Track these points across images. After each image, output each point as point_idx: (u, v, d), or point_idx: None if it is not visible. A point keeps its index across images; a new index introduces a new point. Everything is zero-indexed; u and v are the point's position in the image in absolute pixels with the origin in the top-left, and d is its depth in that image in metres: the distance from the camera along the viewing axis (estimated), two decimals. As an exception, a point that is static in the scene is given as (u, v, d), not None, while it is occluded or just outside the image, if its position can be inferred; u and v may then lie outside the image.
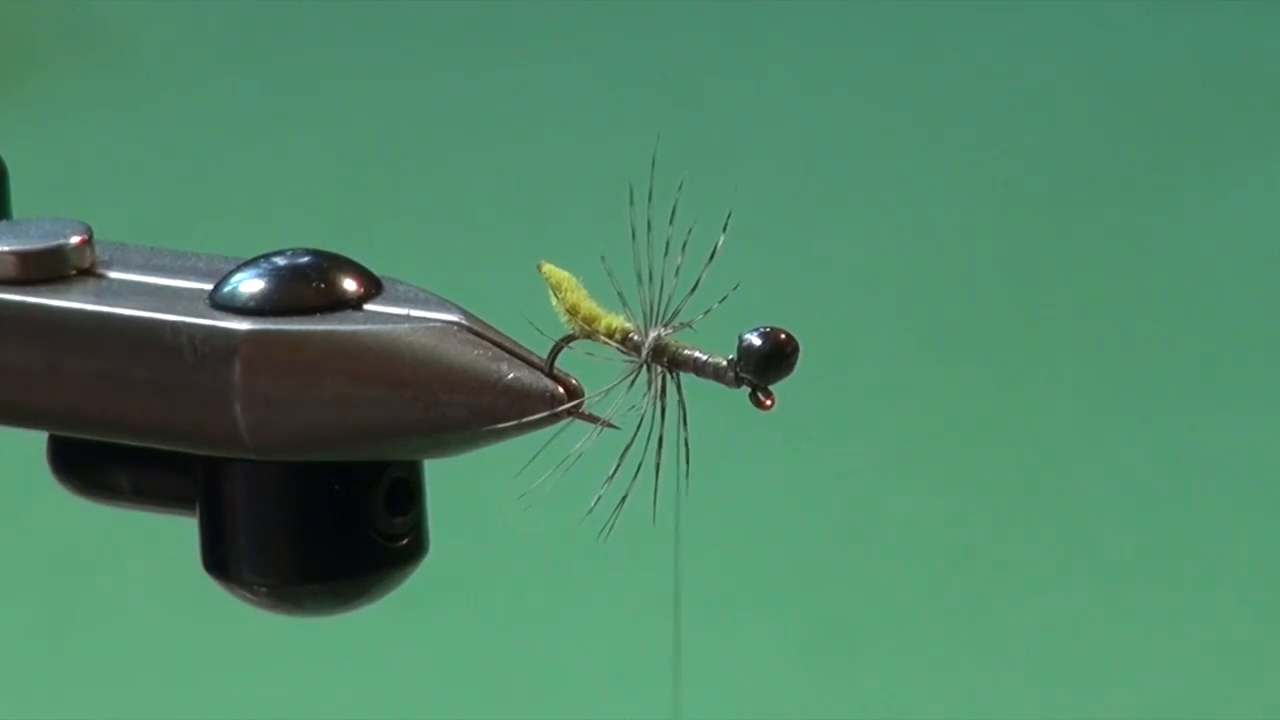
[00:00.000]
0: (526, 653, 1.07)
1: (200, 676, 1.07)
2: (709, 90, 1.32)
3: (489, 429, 0.30)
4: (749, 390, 0.29)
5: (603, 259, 0.30)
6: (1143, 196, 1.42)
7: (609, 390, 0.30)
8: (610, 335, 0.30)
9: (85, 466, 0.32)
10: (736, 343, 0.29)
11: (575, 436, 0.30)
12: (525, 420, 0.30)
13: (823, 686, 1.06)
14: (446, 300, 0.30)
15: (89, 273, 0.31)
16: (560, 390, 0.30)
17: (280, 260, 0.30)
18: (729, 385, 0.29)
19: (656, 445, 0.29)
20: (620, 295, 0.30)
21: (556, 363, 0.30)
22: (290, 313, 0.29)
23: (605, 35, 1.37)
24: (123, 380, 0.31)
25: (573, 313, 0.31)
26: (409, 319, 0.30)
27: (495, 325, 0.30)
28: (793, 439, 1.17)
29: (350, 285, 0.30)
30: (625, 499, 0.30)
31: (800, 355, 0.29)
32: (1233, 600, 1.10)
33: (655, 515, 0.30)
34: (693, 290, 0.30)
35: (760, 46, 1.39)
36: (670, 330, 0.30)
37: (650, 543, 0.32)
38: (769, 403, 0.29)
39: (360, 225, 1.20)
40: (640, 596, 1.04)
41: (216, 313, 0.30)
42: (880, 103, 1.42)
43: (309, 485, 0.30)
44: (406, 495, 0.31)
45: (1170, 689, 1.06)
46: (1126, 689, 1.06)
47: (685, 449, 0.29)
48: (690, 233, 0.29)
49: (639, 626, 1.06)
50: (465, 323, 0.30)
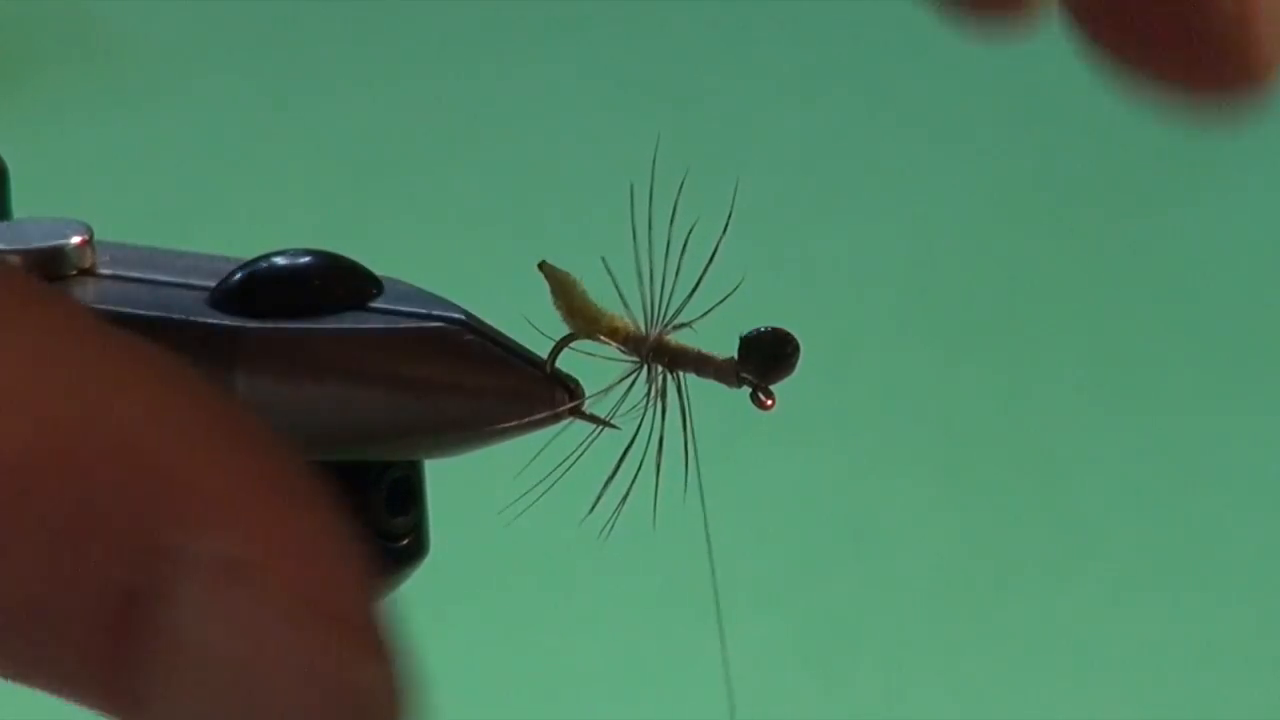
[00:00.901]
0: (527, 653, 1.07)
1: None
2: (710, 90, 1.32)
3: (490, 429, 0.29)
4: (750, 390, 0.29)
5: (603, 259, 0.30)
6: (1143, 196, 1.42)
7: (609, 390, 0.30)
8: (611, 335, 0.30)
9: None
10: (737, 342, 0.29)
11: (575, 437, 0.30)
12: (526, 420, 0.29)
13: (823, 686, 1.06)
14: (447, 300, 0.30)
15: (89, 273, 0.31)
16: (561, 390, 0.30)
17: (280, 260, 0.30)
18: (730, 385, 0.29)
19: (657, 446, 0.29)
20: (621, 295, 0.30)
21: (557, 363, 0.30)
22: (291, 313, 0.29)
23: (606, 35, 1.37)
24: None
25: (573, 313, 0.31)
26: (410, 318, 0.30)
27: (496, 325, 0.30)
28: (793, 439, 1.17)
29: (351, 285, 0.30)
30: (626, 499, 0.30)
31: (801, 355, 0.29)
32: (1233, 600, 1.10)
33: (655, 516, 0.30)
34: (693, 290, 0.30)
35: (761, 46, 1.39)
36: (671, 330, 0.30)
37: (654, 542, 0.31)
38: (770, 403, 0.29)
39: (360, 225, 1.20)
40: (641, 597, 1.04)
41: (217, 313, 0.30)
42: (881, 103, 1.42)
43: None
44: (407, 495, 0.31)
45: (1170, 689, 1.06)
46: (1126, 689, 1.06)
47: (686, 450, 0.29)
48: (691, 232, 0.29)
49: (640, 626, 1.06)
50: (466, 322, 0.30)
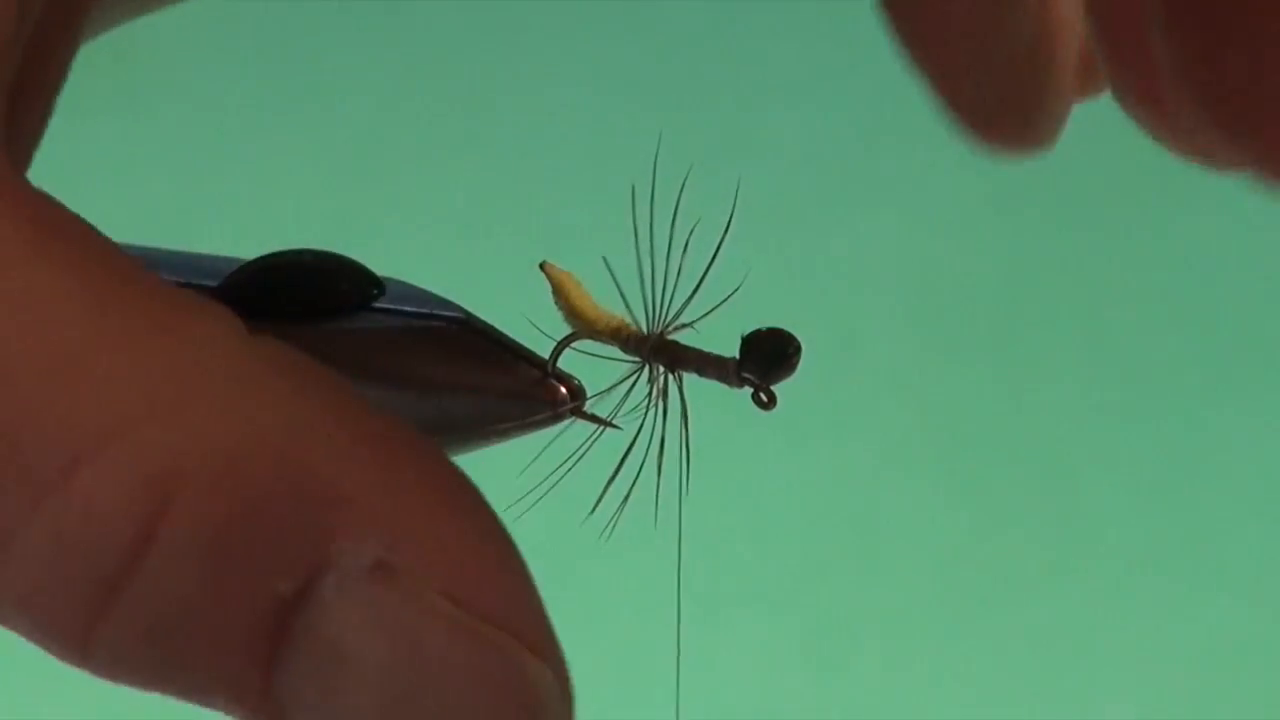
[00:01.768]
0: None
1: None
2: (711, 90, 1.32)
3: (491, 429, 0.30)
4: (751, 390, 0.29)
5: (604, 259, 0.30)
6: (1144, 196, 1.42)
7: (611, 390, 0.30)
8: (612, 335, 0.30)
9: None
10: (738, 343, 0.29)
11: (577, 437, 0.30)
12: (528, 420, 0.30)
13: (823, 686, 1.06)
14: (449, 300, 0.30)
15: None
16: (562, 390, 0.30)
17: (283, 261, 0.30)
18: (731, 385, 0.29)
19: (659, 445, 0.29)
20: (622, 295, 0.30)
21: (558, 363, 0.30)
22: (294, 313, 0.29)
23: (606, 35, 1.37)
24: None
25: (575, 313, 0.31)
26: (413, 318, 0.30)
27: (497, 325, 0.30)
28: (794, 439, 1.17)
29: (353, 285, 0.30)
30: (627, 499, 0.30)
31: (802, 356, 0.29)
32: (1233, 600, 1.10)
33: (657, 515, 0.30)
34: (695, 290, 0.30)
35: (761, 46, 1.39)
36: (672, 330, 0.30)
37: (652, 543, 0.32)
38: (771, 403, 0.29)
39: (360, 225, 1.20)
40: (642, 597, 1.04)
41: None
42: (882, 103, 1.42)
43: None
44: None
45: (1170, 689, 1.06)
46: (1126, 689, 1.06)
47: (686, 449, 0.29)
48: (692, 233, 0.29)
49: (641, 627, 1.06)
50: (468, 322, 0.30)
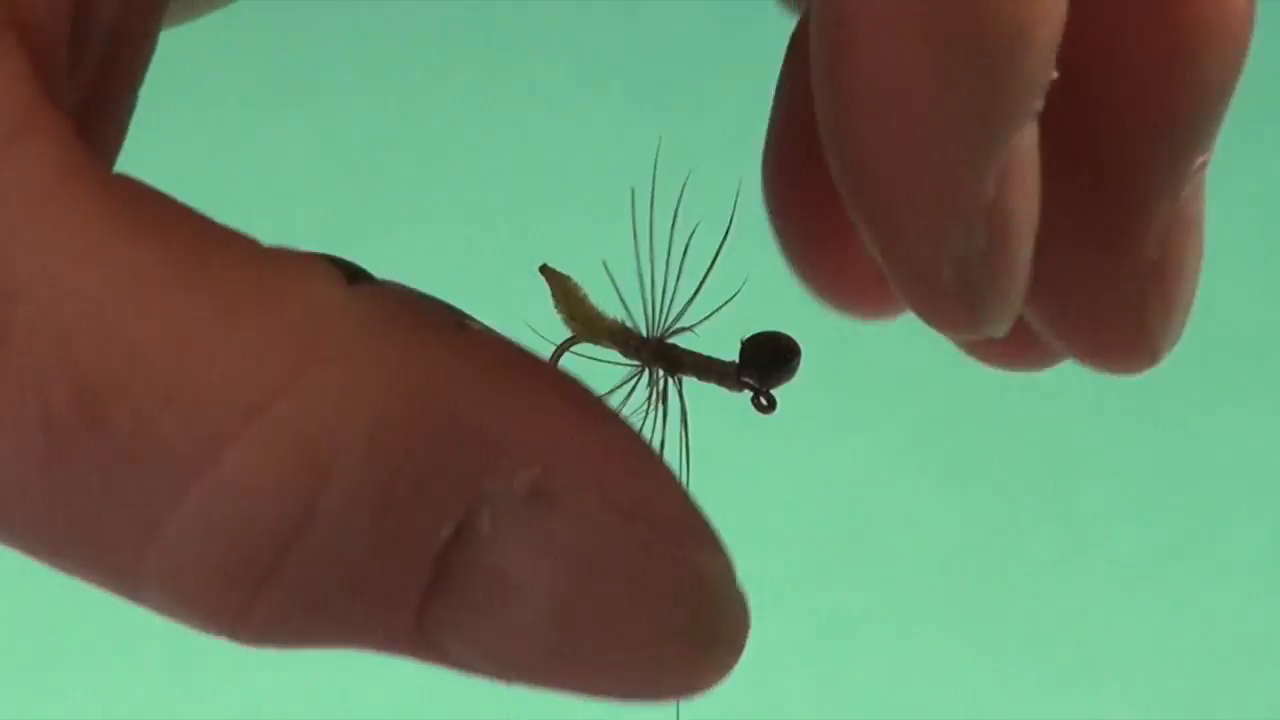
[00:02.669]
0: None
1: (200, 677, 1.07)
2: (712, 93, 1.32)
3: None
4: (751, 394, 0.29)
5: (604, 262, 0.30)
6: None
7: (610, 394, 0.30)
8: (612, 339, 0.30)
9: None
10: (738, 347, 0.29)
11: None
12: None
13: (823, 687, 1.06)
14: (447, 303, 0.30)
15: None
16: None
17: None
18: (731, 389, 0.29)
19: (659, 449, 0.29)
20: (622, 299, 0.30)
21: (558, 366, 0.30)
22: None
23: (607, 36, 1.37)
24: None
25: (574, 316, 0.30)
26: None
27: (496, 328, 0.30)
28: (794, 439, 1.17)
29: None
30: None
31: (802, 359, 0.29)
32: (1233, 600, 1.10)
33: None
34: (695, 294, 0.29)
35: (763, 49, 1.39)
36: (672, 334, 0.30)
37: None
38: (771, 406, 0.29)
39: (360, 226, 1.20)
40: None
41: None
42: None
43: None
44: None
45: (1170, 689, 1.06)
46: (1126, 688, 1.06)
47: (686, 452, 0.29)
48: (692, 236, 0.29)
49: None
50: (466, 326, 0.30)
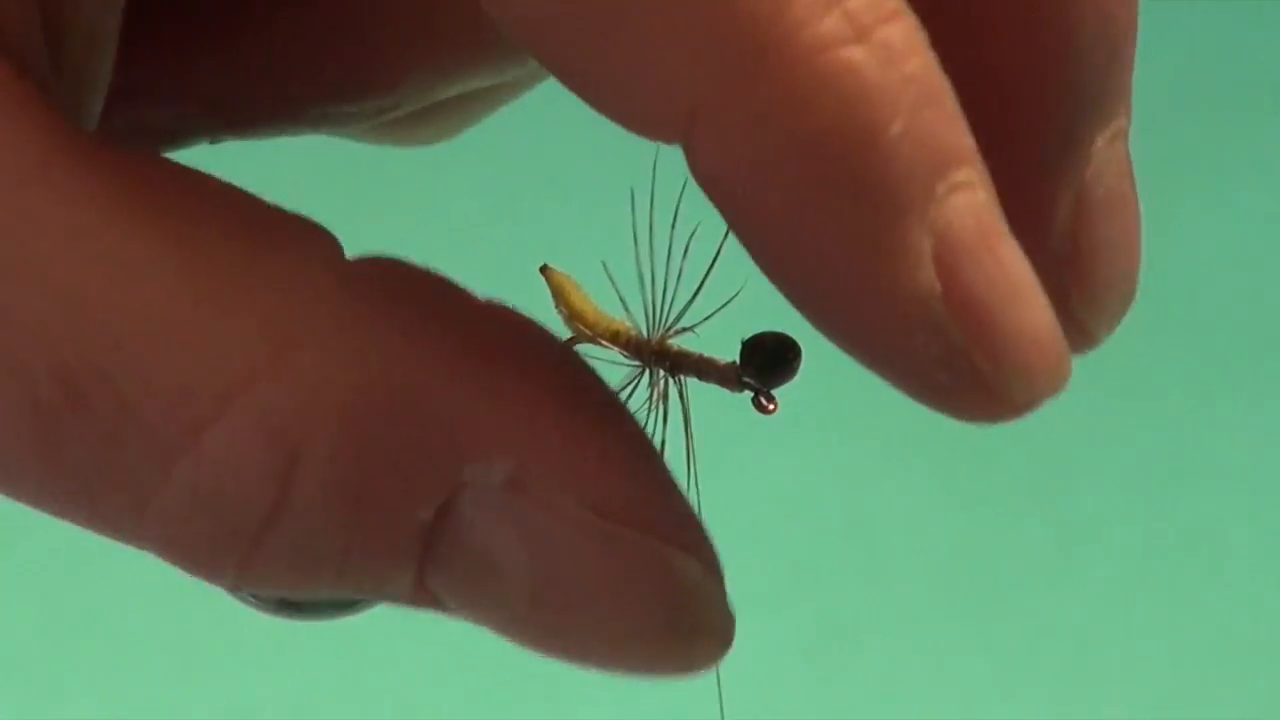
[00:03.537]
0: (529, 655, 1.07)
1: (200, 677, 1.07)
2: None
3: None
4: (751, 394, 0.29)
5: (604, 263, 0.30)
6: (1143, 195, 1.42)
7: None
8: (612, 339, 0.30)
9: None
10: (739, 347, 0.29)
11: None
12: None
13: (823, 686, 1.06)
14: None
15: None
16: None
17: None
18: (732, 389, 0.29)
19: (660, 449, 0.29)
20: (622, 299, 0.30)
21: (565, 359, 0.30)
22: None
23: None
24: None
25: (575, 316, 0.30)
26: None
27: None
28: (793, 440, 1.17)
29: None
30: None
31: (802, 359, 0.29)
32: (1233, 600, 1.10)
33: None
34: (695, 294, 0.29)
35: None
36: (673, 334, 0.30)
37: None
38: (771, 407, 0.29)
39: (359, 225, 1.20)
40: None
41: None
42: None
43: None
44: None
45: (1170, 689, 1.06)
46: (1126, 689, 1.06)
47: (688, 453, 0.29)
48: (693, 236, 0.29)
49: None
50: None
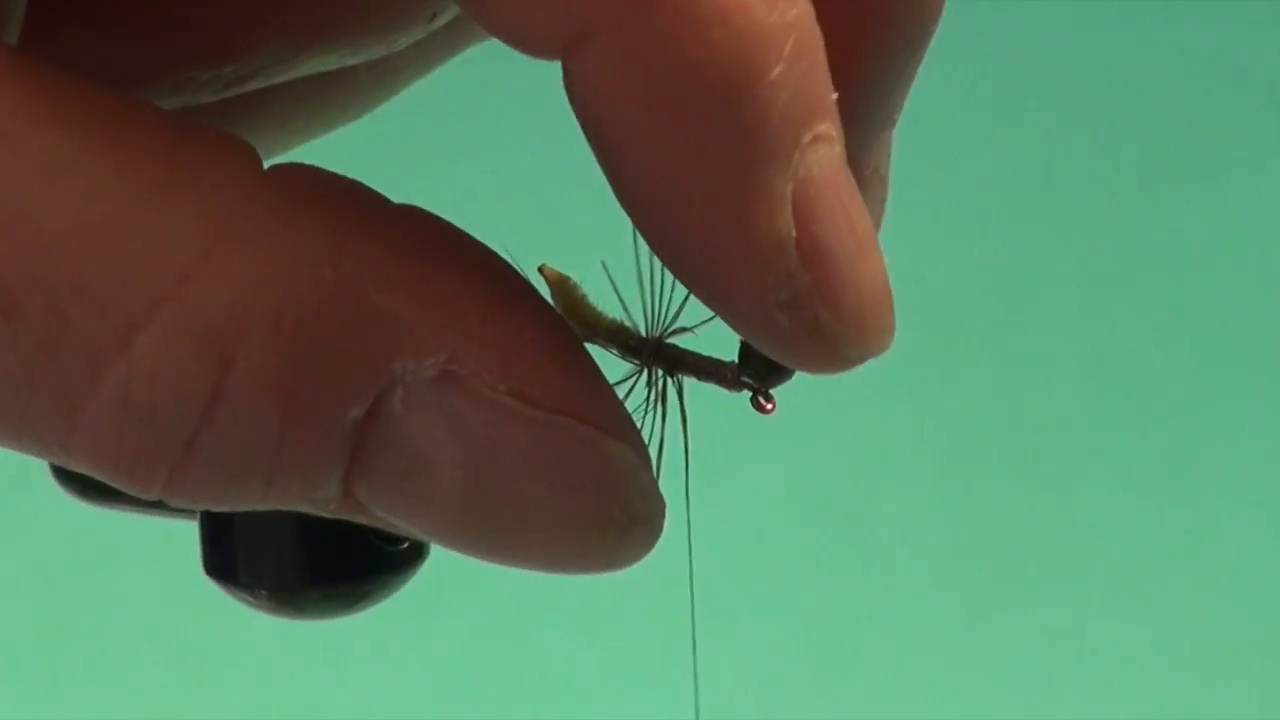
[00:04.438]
0: (527, 656, 1.07)
1: (200, 678, 1.07)
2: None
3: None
4: (750, 394, 0.29)
5: (603, 263, 0.30)
6: (1143, 196, 1.42)
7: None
8: (611, 339, 0.30)
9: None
10: (738, 347, 0.29)
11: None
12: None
13: (823, 686, 1.06)
14: None
15: None
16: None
17: None
18: (730, 389, 0.29)
19: (658, 449, 0.29)
20: (621, 299, 0.30)
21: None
22: None
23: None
24: None
25: (573, 316, 0.30)
26: None
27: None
28: (793, 440, 1.17)
29: None
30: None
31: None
32: (1233, 600, 1.10)
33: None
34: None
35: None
36: (671, 334, 0.30)
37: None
38: (770, 406, 0.29)
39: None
40: (643, 599, 1.04)
41: None
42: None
43: None
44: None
45: (1170, 689, 1.05)
46: (1126, 689, 1.06)
47: (686, 452, 0.29)
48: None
49: (642, 629, 1.06)
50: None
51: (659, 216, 0.23)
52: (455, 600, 1.06)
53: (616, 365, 0.30)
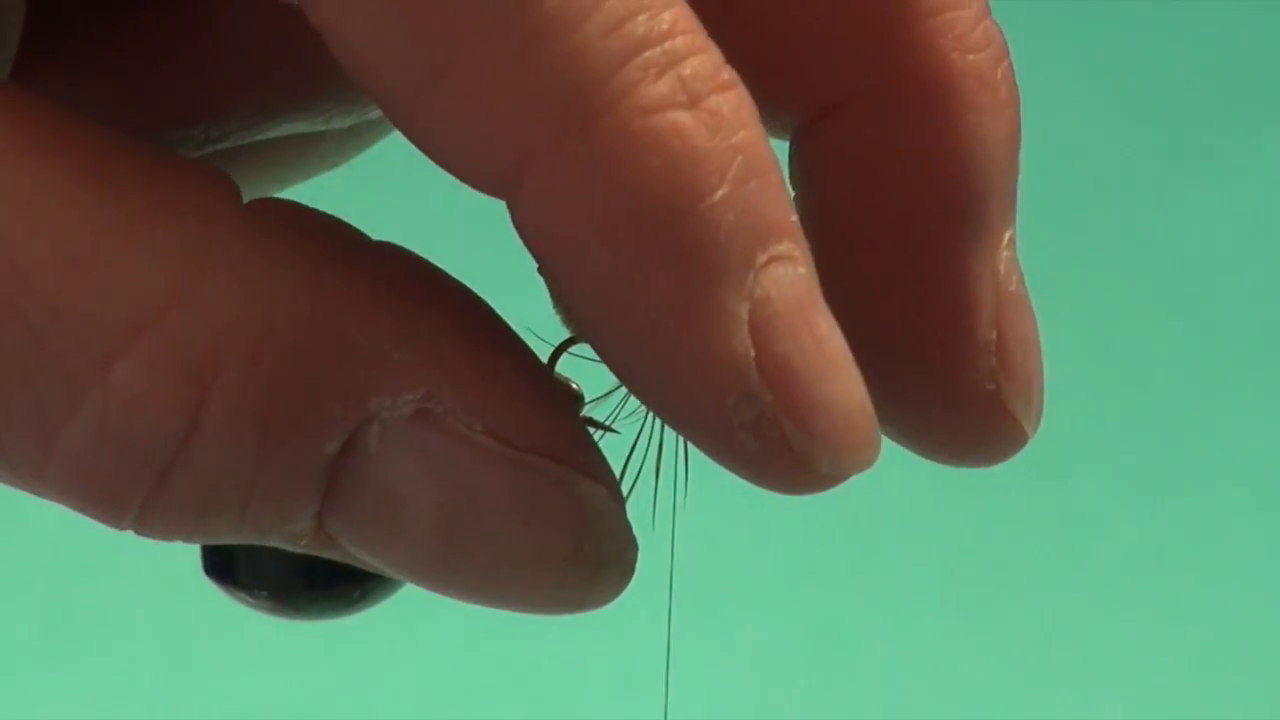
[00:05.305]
0: (525, 656, 1.07)
1: (200, 678, 1.07)
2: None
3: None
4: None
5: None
6: (1143, 196, 1.42)
7: (609, 394, 0.30)
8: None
9: None
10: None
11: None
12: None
13: (823, 686, 1.06)
14: None
15: None
16: (561, 394, 0.30)
17: None
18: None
19: (656, 449, 0.29)
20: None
21: (556, 367, 0.30)
22: None
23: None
24: None
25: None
26: None
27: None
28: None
29: None
30: (625, 502, 0.30)
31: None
32: (1233, 600, 1.10)
33: (655, 519, 0.30)
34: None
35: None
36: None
37: (651, 546, 0.31)
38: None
39: (358, 225, 1.20)
40: (642, 600, 1.04)
41: None
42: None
43: None
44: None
45: (1170, 689, 1.06)
46: (1126, 689, 1.06)
47: (685, 453, 0.29)
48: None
49: (640, 629, 1.06)
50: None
51: (615, 340, 0.24)
52: (455, 600, 1.07)
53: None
